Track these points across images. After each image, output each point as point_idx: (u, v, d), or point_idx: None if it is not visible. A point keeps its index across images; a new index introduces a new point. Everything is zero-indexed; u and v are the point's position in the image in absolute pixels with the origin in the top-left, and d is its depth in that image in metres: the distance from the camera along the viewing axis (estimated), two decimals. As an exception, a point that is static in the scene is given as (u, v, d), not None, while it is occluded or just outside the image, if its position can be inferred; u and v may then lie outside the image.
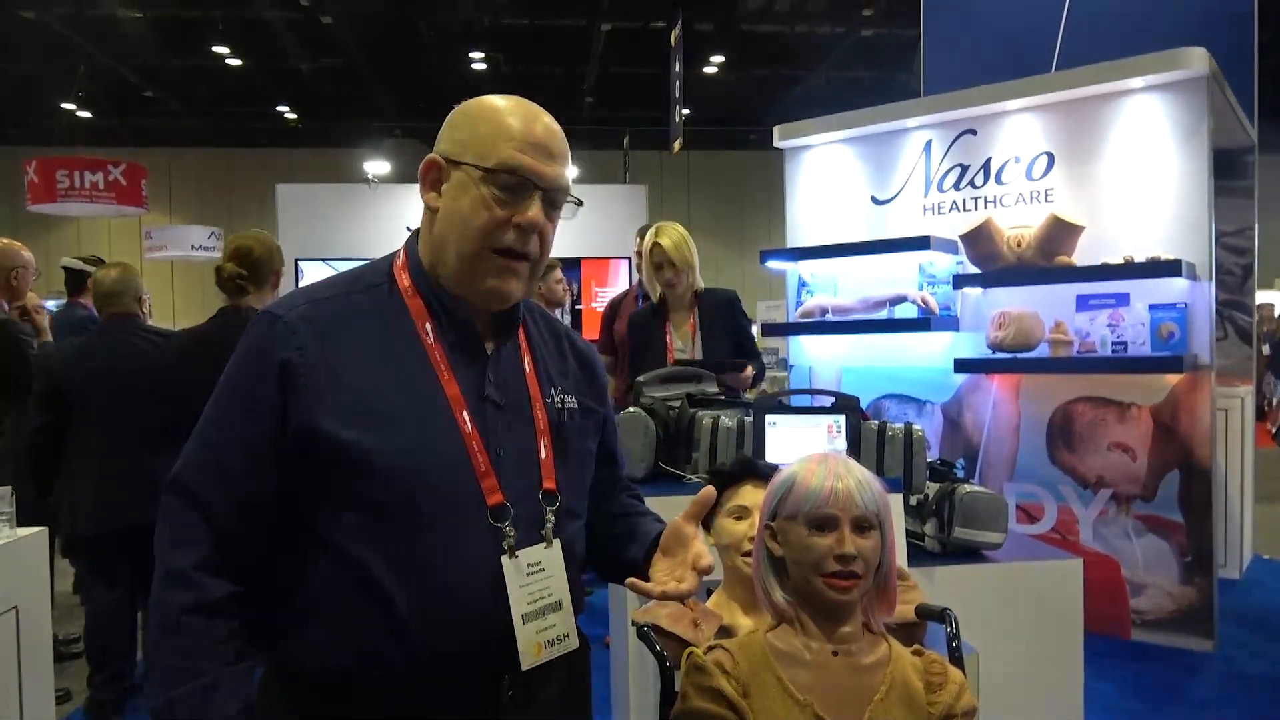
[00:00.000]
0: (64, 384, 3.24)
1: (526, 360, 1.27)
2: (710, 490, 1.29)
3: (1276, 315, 13.53)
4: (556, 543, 1.21)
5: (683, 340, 3.62)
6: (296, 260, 9.00)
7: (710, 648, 1.38)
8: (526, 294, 1.24)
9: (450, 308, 1.19)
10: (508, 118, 1.17)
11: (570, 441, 1.28)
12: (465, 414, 1.16)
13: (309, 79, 14.86)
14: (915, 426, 2.45)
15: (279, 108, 17.64)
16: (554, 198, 1.19)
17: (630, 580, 1.26)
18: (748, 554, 1.66)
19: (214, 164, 20.76)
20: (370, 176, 11.26)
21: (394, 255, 1.25)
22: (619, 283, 9.03)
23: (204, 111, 17.35)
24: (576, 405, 1.30)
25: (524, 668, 1.15)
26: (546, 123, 1.19)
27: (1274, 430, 3.76)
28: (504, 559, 1.15)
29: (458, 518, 1.13)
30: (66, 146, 15.53)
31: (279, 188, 9.38)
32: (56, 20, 11.86)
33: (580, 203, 1.24)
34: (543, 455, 1.23)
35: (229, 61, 14.35)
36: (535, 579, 1.17)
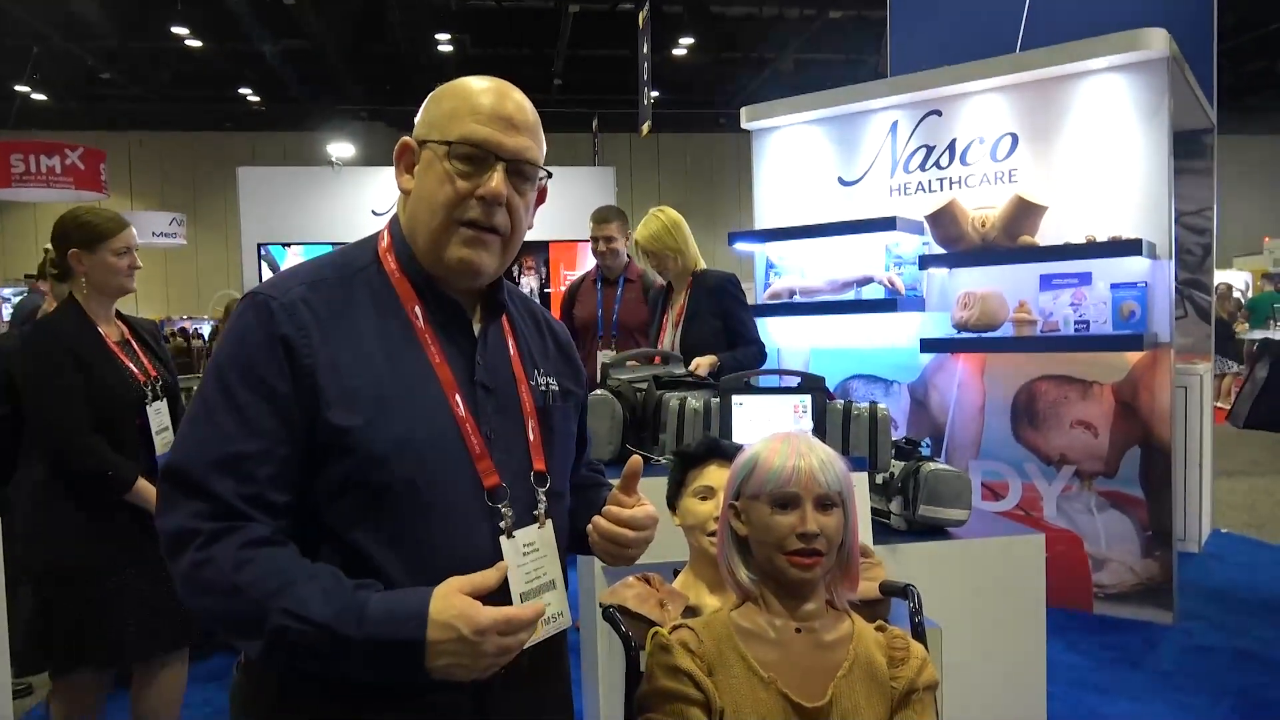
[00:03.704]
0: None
1: (510, 343, 1.27)
2: (637, 460, 1.29)
3: (1248, 296, 13.81)
4: (549, 523, 1.22)
5: (674, 323, 3.63)
6: (259, 245, 8.87)
7: (675, 627, 1.38)
8: (501, 269, 1.22)
9: (439, 290, 1.19)
10: (472, 94, 1.17)
11: (555, 423, 1.29)
12: (458, 397, 1.16)
13: (272, 61, 14.62)
14: (880, 405, 2.46)
15: (241, 90, 17.35)
16: (520, 169, 1.18)
17: (593, 520, 1.28)
18: (713, 534, 1.67)
19: (175, 148, 20.42)
20: (334, 159, 11.10)
21: (377, 237, 1.24)
22: (588, 266, 8.99)
23: (164, 94, 17.03)
24: (559, 387, 1.31)
25: (525, 646, 1.14)
26: (514, 98, 1.18)
27: (1228, 409, 3.85)
28: (503, 540, 1.16)
29: (456, 500, 1.13)
30: (22, 130, 15.19)
31: (240, 171, 9.22)
32: None
33: (549, 174, 1.23)
34: (531, 437, 1.24)
35: (189, 43, 14.07)
36: (531, 559, 1.18)
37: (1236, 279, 16.30)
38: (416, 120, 1.21)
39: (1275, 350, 3.67)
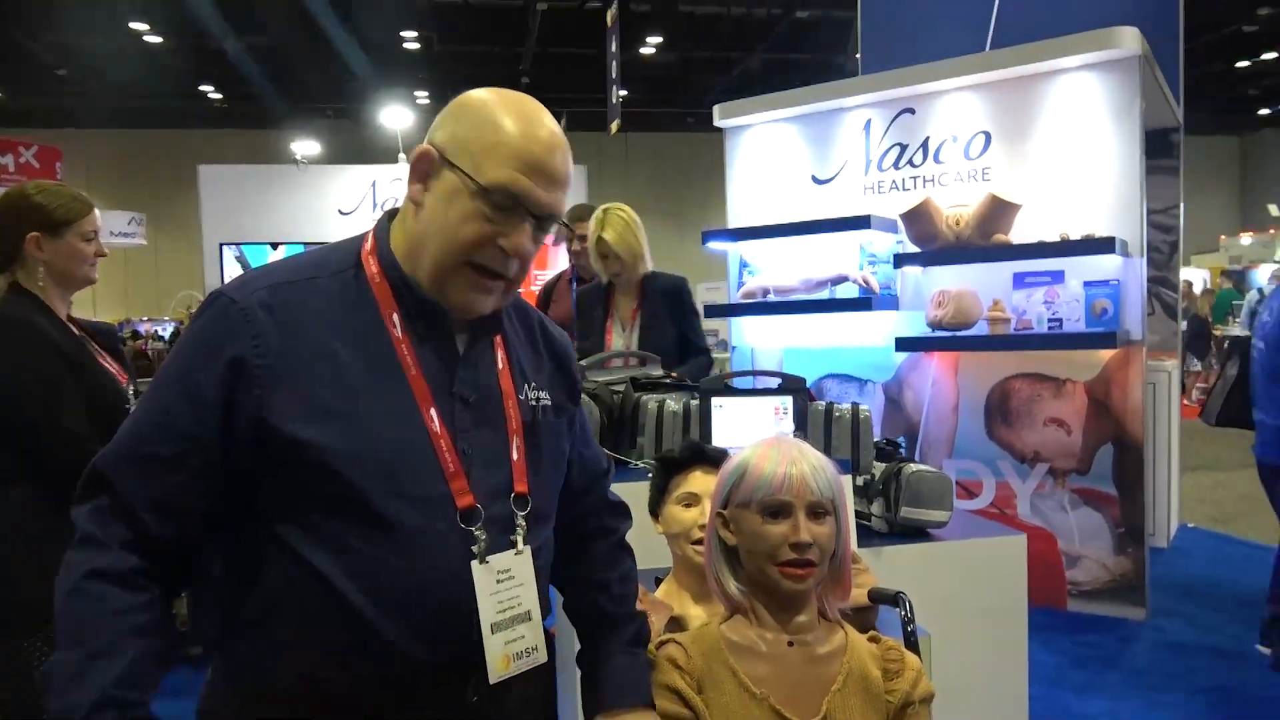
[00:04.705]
0: None
1: (499, 355, 1.20)
2: None
3: (1196, 293, 14.08)
4: (527, 550, 1.15)
5: (623, 324, 3.54)
6: (221, 245, 8.69)
7: (662, 642, 1.33)
8: (499, 306, 1.16)
9: (421, 297, 1.12)
10: (520, 135, 1.07)
11: (543, 441, 1.21)
12: (433, 411, 1.09)
13: (234, 58, 14.36)
14: (863, 406, 2.43)
15: (202, 87, 17.04)
16: (546, 224, 1.12)
17: None
18: (698, 542, 1.62)
19: (134, 146, 20.03)
20: (299, 157, 10.92)
21: (362, 238, 1.17)
22: (558, 264, 8.93)
23: (123, 91, 16.68)
24: (550, 402, 1.24)
25: (491, 680, 1.10)
26: (554, 142, 1.09)
27: (1201, 404, 3.87)
28: (474, 564, 1.09)
29: (425, 521, 1.06)
30: (-27, 127, 14.80)
31: (201, 169, 9.03)
32: (-42, -7, 11.24)
33: (570, 228, 1.18)
34: (514, 456, 1.16)
35: (148, 39, 13.80)
36: (505, 587, 1.11)
37: (1195, 276, 16.61)
38: (442, 126, 1.11)
39: (1245, 348, 3.69)
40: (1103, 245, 3.86)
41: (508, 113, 1.08)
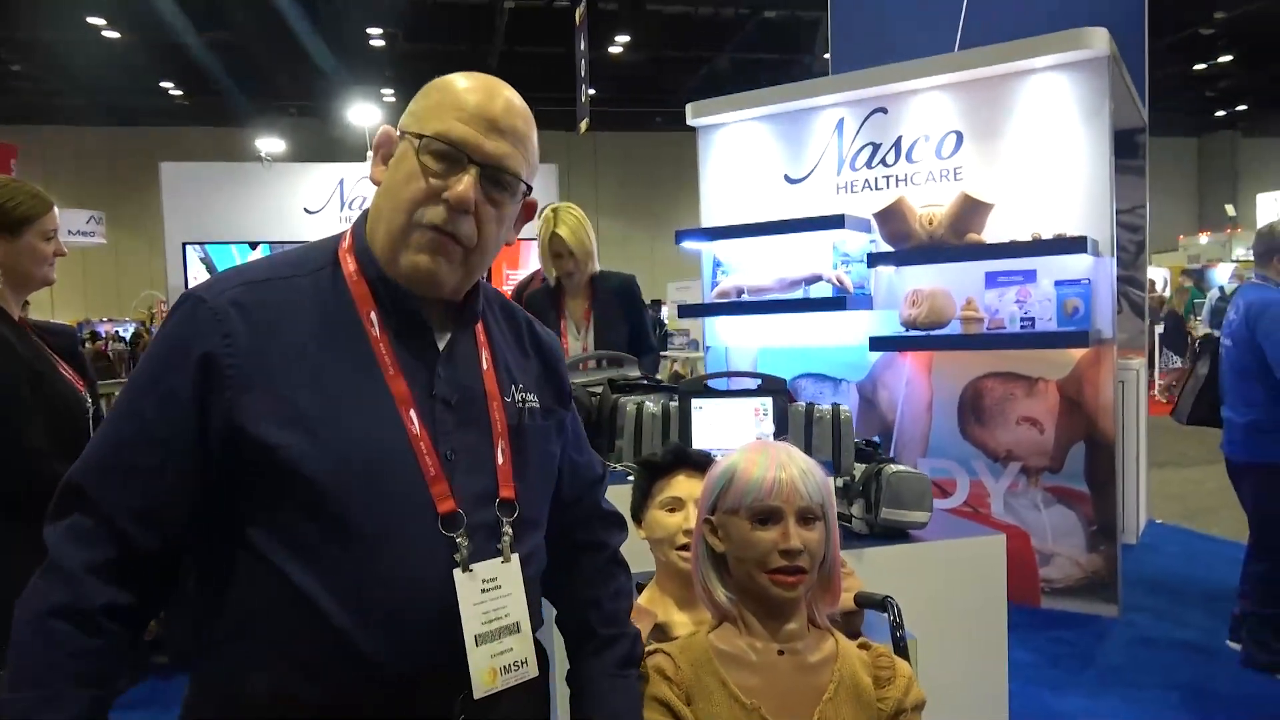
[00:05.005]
0: None
1: (484, 355, 1.16)
2: None
3: (1166, 293, 14.36)
4: (515, 558, 1.10)
5: (576, 325, 3.51)
6: (184, 244, 8.53)
7: (650, 651, 1.30)
8: (464, 284, 1.12)
9: (396, 294, 1.08)
10: (460, 90, 1.08)
11: (530, 445, 1.17)
12: (412, 413, 1.05)
13: (196, 54, 14.12)
14: (843, 407, 2.42)
15: (163, 84, 16.75)
16: (497, 178, 1.08)
17: None
18: (682, 548, 1.59)
19: (93, 143, 19.66)
20: (264, 155, 10.76)
21: (339, 237, 1.14)
22: (530, 264, 8.88)
23: (81, 87, 16.34)
24: (538, 404, 1.20)
25: (477, 695, 1.05)
26: (503, 101, 1.09)
27: (1175, 399, 3.93)
28: (456, 572, 1.04)
29: (403, 527, 1.02)
30: (-76, 124, 14.45)
31: (163, 166, 8.85)
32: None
33: (529, 187, 1.13)
34: (499, 460, 1.12)
35: (107, 34, 13.52)
36: (491, 596, 1.07)
37: (1156, 275, 16.92)
38: (406, 111, 1.13)
39: (1215, 347, 3.73)
40: (1074, 245, 3.89)
41: (455, 77, 1.10)
